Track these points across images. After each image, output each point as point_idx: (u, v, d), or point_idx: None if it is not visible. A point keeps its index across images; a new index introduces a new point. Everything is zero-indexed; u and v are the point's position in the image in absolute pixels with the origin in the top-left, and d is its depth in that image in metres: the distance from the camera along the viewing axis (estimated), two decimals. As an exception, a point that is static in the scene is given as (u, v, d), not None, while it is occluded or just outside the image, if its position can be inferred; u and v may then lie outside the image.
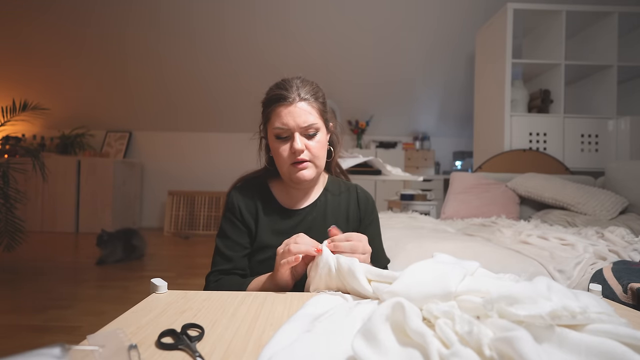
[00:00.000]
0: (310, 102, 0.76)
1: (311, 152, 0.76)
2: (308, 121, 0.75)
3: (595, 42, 2.90)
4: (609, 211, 1.90)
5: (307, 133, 0.76)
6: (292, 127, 0.74)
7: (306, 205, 0.84)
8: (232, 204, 0.83)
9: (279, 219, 0.83)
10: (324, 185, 0.88)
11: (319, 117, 0.77)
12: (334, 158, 0.89)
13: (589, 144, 2.75)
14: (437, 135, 5.04)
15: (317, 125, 0.76)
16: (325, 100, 0.82)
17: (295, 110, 0.74)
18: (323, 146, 0.79)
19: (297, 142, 0.74)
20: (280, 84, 0.77)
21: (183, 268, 2.81)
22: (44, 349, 0.30)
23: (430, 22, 3.65)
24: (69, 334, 1.59)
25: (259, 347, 0.40)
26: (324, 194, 0.87)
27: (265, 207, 0.83)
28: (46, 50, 3.97)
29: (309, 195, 0.85)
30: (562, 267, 1.06)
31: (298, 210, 0.84)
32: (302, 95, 0.75)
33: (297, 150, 0.74)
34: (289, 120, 0.74)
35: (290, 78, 0.79)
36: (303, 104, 0.75)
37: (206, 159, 4.91)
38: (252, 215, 0.83)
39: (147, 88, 4.38)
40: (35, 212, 4.17)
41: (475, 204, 2.19)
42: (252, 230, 0.82)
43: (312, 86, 0.79)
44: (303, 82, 0.78)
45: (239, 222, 0.82)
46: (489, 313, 0.36)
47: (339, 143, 0.90)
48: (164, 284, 0.60)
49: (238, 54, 3.99)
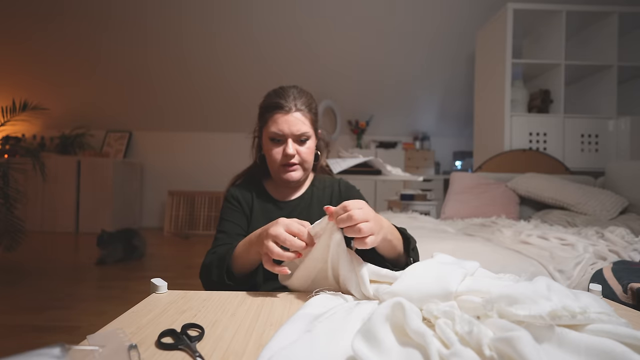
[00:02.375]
0: (305, 112, 0.86)
1: (301, 156, 0.86)
2: (301, 130, 0.84)
3: (595, 42, 2.90)
4: (609, 211, 1.90)
5: (299, 139, 0.86)
6: (286, 134, 0.84)
7: (295, 197, 0.94)
8: (231, 195, 0.93)
9: (271, 208, 0.92)
10: (310, 181, 0.97)
11: (310, 126, 0.87)
12: (320, 160, 0.98)
13: (589, 144, 2.75)
14: (437, 135, 5.04)
15: (309, 134, 0.86)
16: (317, 110, 0.93)
17: (291, 119, 0.84)
18: (312, 151, 0.89)
19: (290, 148, 0.84)
20: (279, 93, 0.86)
21: (183, 268, 2.81)
22: (44, 349, 0.30)
23: (431, 22, 3.65)
24: (69, 334, 1.59)
25: (259, 347, 0.40)
26: (310, 188, 0.96)
27: (259, 199, 0.93)
28: (46, 50, 3.97)
29: (297, 190, 0.95)
30: (562, 267, 1.06)
31: (288, 201, 0.93)
32: (298, 106, 0.85)
33: (289, 155, 0.84)
34: (285, 127, 0.83)
35: (287, 87, 0.88)
36: (298, 114, 0.84)
37: (206, 159, 4.91)
38: (248, 204, 0.91)
39: (148, 88, 4.38)
40: (35, 212, 4.17)
41: (475, 204, 2.19)
42: (248, 217, 0.91)
43: (307, 97, 0.88)
44: (299, 92, 0.87)
45: (237, 209, 0.91)
46: (489, 313, 0.36)
47: (326, 148, 1.01)
48: (164, 284, 0.60)
49: (238, 54, 3.99)
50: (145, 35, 3.81)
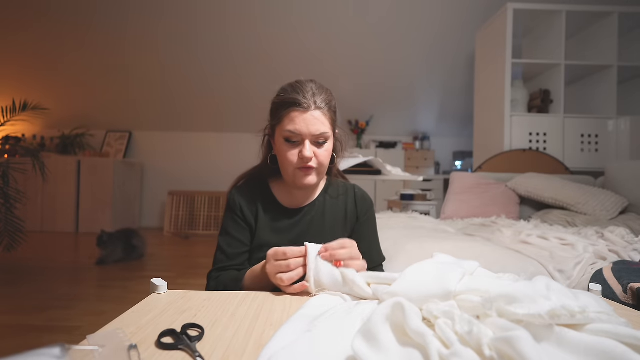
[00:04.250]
0: (324, 111, 0.77)
1: (318, 159, 0.78)
2: (320, 130, 0.75)
3: (595, 42, 2.90)
4: (609, 211, 1.90)
5: (317, 141, 0.77)
6: (304, 134, 0.75)
7: (305, 205, 0.86)
8: (234, 202, 0.85)
9: (278, 217, 0.84)
10: (323, 187, 0.90)
11: (330, 126, 0.78)
12: (336, 163, 0.90)
13: (589, 144, 2.75)
14: (437, 135, 5.04)
15: (328, 135, 0.77)
16: (337, 108, 0.83)
17: (310, 119, 0.75)
18: (329, 154, 0.80)
19: (307, 150, 0.75)
20: (296, 87, 0.77)
21: (183, 268, 2.81)
22: (44, 349, 0.30)
23: (431, 22, 3.65)
24: (69, 334, 1.59)
25: (259, 347, 0.40)
26: (322, 195, 0.88)
27: (265, 206, 0.85)
28: (46, 50, 3.97)
29: (308, 195, 0.87)
30: (562, 267, 1.06)
31: (297, 209, 0.86)
32: (318, 104, 0.75)
33: (306, 158, 0.75)
34: (302, 127, 0.74)
35: (305, 81, 0.79)
36: (318, 113, 0.75)
37: (206, 159, 4.91)
38: (253, 213, 0.84)
39: (147, 88, 4.38)
40: (35, 212, 4.17)
41: (475, 204, 2.19)
42: (252, 227, 0.84)
43: (327, 94, 0.79)
44: (319, 88, 0.78)
45: (241, 220, 0.84)
46: (488, 312, 0.36)
47: (342, 149, 0.90)
48: (164, 284, 0.60)
49: (239, 54, 3.98)
50: (146, 35, 3.81)
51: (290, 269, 0.60)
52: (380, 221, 1.84)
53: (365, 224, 0.90)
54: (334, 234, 0.86)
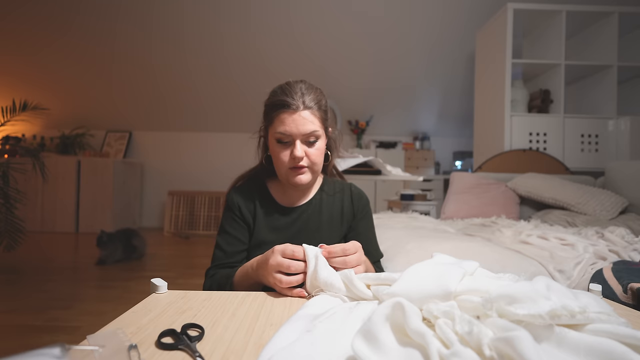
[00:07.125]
0: (313, 110, 0.78)
1: (310, 158, 0.79)
2: (309, 129, 0.77)
3: (595, 42, 2.90)
4: (609, 211, 1.90)
5: (307, 140, 0.78)
6: (294, 134, 0.77)
7: (302, 203, 0.88)
8: (232, 201, 0.86)
9: (276, 216, 0.86)
10: (319, 185, 0.91)
11: (320, 125, 0.79)
12: (330, 161, 0.91)
13: (589, 144, 2.75)
14: (437, 135, 5.04)
15: (318, 133, 0.79)
16: (328, 107, 0.84)
17: (299, 119, 0.76)
18: (322, 153, 0.82)
19: (298, 150, 0.77)
20: (285, 89, 0.78)
21: (183, 268, 2.81)
22: (44, 349, 0.30)
23: (431, 22, 3.65)
24: (69, 334, 1.59)
25: (259, 347, 0.40)
26: (319, 193, 0.90)
27: (263, 205, 0.87)
28: (46, 50, 3.97)
29: (305, 194, 0.89)
30: (562, 267, 1.06)
31: (294, 208, 0.87)
32: (307, 104, 0.77)
33: (297, 157, 0.77)
34: (292, 127, 0.76)
35: (294, 82, 0.80)
36: (306, 113, 0.77)
37: (206, 159, 4.91)
38: (251, 212, 0.86)
39: (147, 88, 4.38)
40: (35, 212, 4.17)
41: (475, 204, 2.19)
42: (250, 226, 0.86)
43: (316, 93, 0.80)
44: (308, 88, 0.79)
45: (239, 219, 0.85)
46: (489, 312, 0.36)
47: (336, 147, 0.92)
48: (164, 284, 0.60)
49: (238, 54, 3.99)
50: (146, 35, 3.81)
51: (289, 270, 0.60)
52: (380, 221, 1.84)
53: (362, 221, 0.91)
54: (331, 232, 0.88)
